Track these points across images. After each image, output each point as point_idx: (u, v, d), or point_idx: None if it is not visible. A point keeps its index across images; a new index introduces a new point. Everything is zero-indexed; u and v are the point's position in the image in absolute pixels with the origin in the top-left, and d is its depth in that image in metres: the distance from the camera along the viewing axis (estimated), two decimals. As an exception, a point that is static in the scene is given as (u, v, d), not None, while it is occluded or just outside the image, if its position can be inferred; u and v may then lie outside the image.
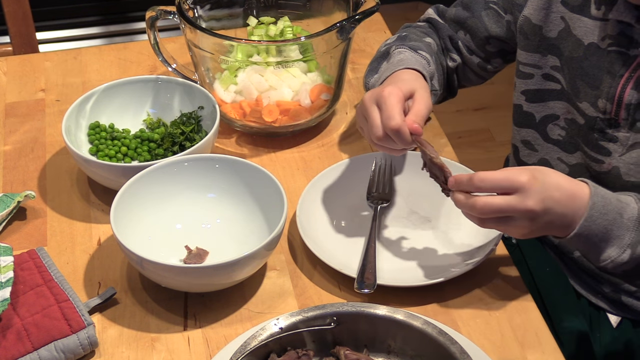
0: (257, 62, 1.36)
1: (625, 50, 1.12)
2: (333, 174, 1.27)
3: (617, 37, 1.13)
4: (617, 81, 1.13)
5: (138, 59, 1.58)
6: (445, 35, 1.32)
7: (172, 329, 1.09)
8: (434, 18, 1.34)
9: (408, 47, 1.25)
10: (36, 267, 1.11)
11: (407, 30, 1.34)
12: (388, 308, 1.01)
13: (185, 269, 1.08)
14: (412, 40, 1.29)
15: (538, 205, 0.99)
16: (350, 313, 1.01)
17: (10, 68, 1.56)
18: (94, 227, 1.23)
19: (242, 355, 0.95)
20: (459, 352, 0.95)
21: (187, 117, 1.35)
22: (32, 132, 1.41)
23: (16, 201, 1.22)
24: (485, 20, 1.27)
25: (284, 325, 0.99)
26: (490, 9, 1.26)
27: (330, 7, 1.44)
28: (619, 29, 1.12)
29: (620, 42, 1.13)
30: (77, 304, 1.07)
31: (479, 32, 1.28)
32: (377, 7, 1.33)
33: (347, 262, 1.16)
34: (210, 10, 1.46)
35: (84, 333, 1.04)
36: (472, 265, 1.12)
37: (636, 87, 1.12)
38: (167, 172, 1.20)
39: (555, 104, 1.22)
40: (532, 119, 1.24)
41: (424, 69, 1.22)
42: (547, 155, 1.24)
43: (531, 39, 1.21)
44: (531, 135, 1.25)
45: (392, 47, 1.27)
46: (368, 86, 1.28)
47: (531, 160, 1.27)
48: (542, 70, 1.22)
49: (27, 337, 1.03)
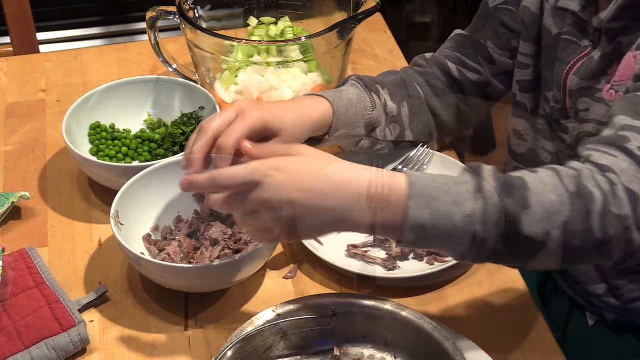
0: (258, 62, 1.36)
1: (577, 40, 1.12)
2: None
3: (572, 26, 1.12)
4: (564, 68, 1.12)
5: (139, 60, 1.58)
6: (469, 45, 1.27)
7: (173, 329, 1.09)
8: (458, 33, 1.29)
9: (360, 88, 1.19)
10: (27, 268, 1.12)
11: (401, 71, 1.29)
12: (385, 301, 1.02)
13: (185, 270, 1.08)
14: (379, 77, 1.24)
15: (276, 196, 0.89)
16: (348, 304, 1.02)
17: (11, 68, 1.56)
18: (95, 228, 1.23)
19: (237, 340, 0.96)
20: (452, 348, 0.96)
21: (188, 117, 1.35)
22: (33, 133, 1.41)
23: (10, 202, 1.23)
24: (503, 18, 1.25)
25: (281, 312, 1.00)
26: (501, 9, 1.25)
27: (330, 7, 1.44)
28: (575, 19, 1.12)
29: (573, 32, 1.12)
30: (68, 303, 1.07)
31: (501, 32, 1.26)
32: (377, 7, 1.33)
33: (347, 262, 1.16)
34: (210, 10, 1.46)
35: (74, 330, 1.04)
36: None
37: (577, 72, 1.11)
38: (167, 173, 1.20)
39: (539, 92, 1.22)
40: (525, 109, 1.24)
41: (358, 107, 1.17)
42: (534, 144, 1.24)
43: (529, 28, 1.20)
44: (522, 125, 1.25)
45: (354, 77, 1.21)
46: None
47: (520, 150, 1.26)
48: (535, 61, 1.21)
49: (18, 337, 1.03)
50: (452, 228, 0.87)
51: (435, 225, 0.87)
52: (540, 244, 0.88)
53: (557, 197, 0.88)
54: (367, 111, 1.18)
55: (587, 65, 1.10)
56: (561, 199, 0.87)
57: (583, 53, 1.11)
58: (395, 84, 1.24)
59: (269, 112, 1.07)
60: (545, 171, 0.91)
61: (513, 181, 0.89)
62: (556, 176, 0.90)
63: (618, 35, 1.07)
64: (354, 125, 1.17)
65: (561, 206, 0.87)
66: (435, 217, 0.87)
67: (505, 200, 0.87)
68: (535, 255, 0.89)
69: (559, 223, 0.87)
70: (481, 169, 0.90)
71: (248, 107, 1.05)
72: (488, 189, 0.88)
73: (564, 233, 0.87)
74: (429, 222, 0.87)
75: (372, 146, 1.22)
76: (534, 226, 0.87)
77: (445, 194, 0.88)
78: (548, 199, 0.87)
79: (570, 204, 0.87)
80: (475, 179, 0.89)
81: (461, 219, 0.87)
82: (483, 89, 1.29)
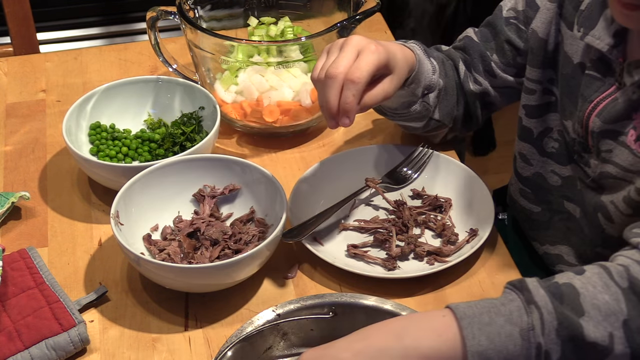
0: (258, 62, 1.36)
1: (601, 77, 1.08)
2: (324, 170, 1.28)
3: (597, 61, 1.09)
4: (586, 106, 1.09)
5: (139, 60, 1.58)
6: (476, 54, 1.26)
7: (173, 329, 1.09)
8: (469, 36, 1.28)
9: (422, 50, 1.21)
10: (27, 268, 1.12)
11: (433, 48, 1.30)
12: (384, 300, 1.02)
13: (185, 270, 1.08)
14: (430, 49, 1.26)
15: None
16: (347, 304, 1.02)
17: (11, 69, 1.56)
18: (95, 228, 1.23)
19: (237, 340, 0.96)
20: None
21: (188, 117, 1.35)
22: (33, 133, 1.41)
23: (10, 202, 1.23)
24: (509, 35, 1.23)
25: (281, 312, 1.00)
26: (511, 24, 1.23)
27: (330, 7, 1.44)
28: (599, 54, 1.08)
29: (598, 67, 1.08)
30: (68, 303, 1.07)
31: (506, 49, 1.24)
32: (377, 7, 1.33)
33: (347, 262, 1.16)
34: (210, 10, 1.46)
35: (74, 330, 1.04)
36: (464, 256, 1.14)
37: (599, 115, 1.07)
38: (167, 173, 1.20)
39: (550, 117, 1.20)
40: (531, 134, 1.22)
41: (426, 67, 1.19)
42: (542, 169, 1.22)
43: (536, 53, 1.18)
44: (527, 150, 1.23)
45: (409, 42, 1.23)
46: None
47: (525, 173, 1.25)
48: (542, 85, 1.19)
49: (18, 337, 1.03)
50: (513, 348, 0.85)
51: (497, 350, 0.85)
52: (606, 348, 0.85)
53: (611, 297, 0.86)
54: (429, 74, 1.19)
55: (610, 108, 1.06)
56: (616, 297, 0.86)
57: (607, 92, 1.07)
58: (438, 59, 1.25)
59: (386, 49, 1.08)
60: (593, 269, 0.89)
61: (561, 289, 0.87)
62: (605, 274, 0.88)
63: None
64: (420, 81, 1.18)
65: (617, 305, 0.86)
66: (495, 341, 0.85)
67: (560, 307, 0.85)
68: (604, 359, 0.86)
69: (619, 323, 0.85)
70: (525, 282, 0.88)
71: (368, 43, 1.06)
72: (539, 299, 0.86)
73: (626, 332, 0.85)
74: (489, 347, 0.85)
75: (420, 112, 1.22)
76: (594, 330, 0.85)
77: (497, 315, 0.86)
78: (602, 300, 0.86)
79: (626, 301, 0.86)
80: (521, 294, 0.87)
81: (521, 336, 0.85)
82: (482, 98, 1.28)
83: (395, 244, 1.17)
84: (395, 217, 1.22)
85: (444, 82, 1.23)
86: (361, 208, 1.26)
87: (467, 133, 1.37)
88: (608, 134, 1.07)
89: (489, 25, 1.27)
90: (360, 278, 1.13)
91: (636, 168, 1.04)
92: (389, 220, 1.21)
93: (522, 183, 1.27)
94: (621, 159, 1.06)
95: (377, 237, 1.19)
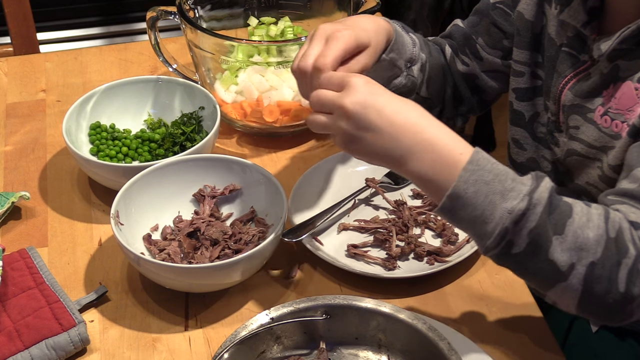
0: (258, 62, 1.36)
1: (576, 53, 1.10)
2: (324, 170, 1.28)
3: (572, 38, 1.10)
4: (560, 81, 1.11)
5: (139, 60, 1.58)
6: (461, 37, 1.27)
7: (173, 329, 1.09)
8: (456, 24, 1.30)
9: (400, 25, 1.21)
10: (27, 268, 1.12)
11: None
12: (378, 301, 1.01)
13: (186, 270, 1.08)
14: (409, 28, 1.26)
15: (353, 106, 0.92)
16: (341, 306, 1.01)
17: (11, 68, 1.56)
18: (95, 228, 1.23)
19: (231, 344, 0.96)
20: (447, 348, 0.95)
21: (188, 117, 1.35)
22: (33, 133, 1.41)
23: (10, 202, 1.23)
24: (496, 18, 1.24)
25: (274, 316, 0.99)
26: (497, 8, 1.24)
27: (330, 7, 1.44)
28: (576, 31, 1.10)
29: (573, 43, 1.10)
30: (68, 303, 1.07)
31: (492, 31, 1.25)
32: (377, 6, 1.33)
33: (347, 262, 1.16)
34: (210, 10, 1.46)
35: (74, 330, 1.04)
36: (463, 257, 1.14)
37: (572, 88, 1.09)
38: (167, 173, 1.20)
39: (537, 101, 1.20)
40: (522, 117, 1.22)
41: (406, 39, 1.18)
42: (535, 154, 1.23)
43: (523, 34, 1.19)
44: (520, 134, 1.24)
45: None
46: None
47: (520, 158, 1.25)
48: (530, 68, 1.20)
49: (18, 337, 1.03)
50: (488, 216, 0.87)
51: (474, 205, 0.87)
52: (562, 274, 0.87)
53: (594, 236, 0.87)
54: (409, 47, 1.19)
55: (582, 83, 1.09)
56: (598, 240, 0.87)
57: (581, 68, 1.09)
58: (420, 37, 1.24)
59: (355, 27, 1.07)
60: (598, 209, 0.90)
61: (560, 204, 0.88)
62: (603, 217, 0.89)
63: (618, 58, 1.04)
64: (401, 52, 1.17)
65: (596, 246, 0.87)
66: (478, 197, 0.87)
67: (545, 216, 0.86)
68: (554, 284, 0.88)
69: (587, 261, 0.86)
70: (542, 179, 0.89)
71: (333, 30, 1.05)
72: (537, 198, 0.87)
73: (587, 272, 0.86)
74: (470, 199, 0.87)
75: (406, 85, 1.21)
76: (560, 253, 0.86)
77: (499, 183, 0.87)
78: (585, 234, 0.87)
79: (604, 247, 0.87)
80: (533, 184, 0.88)
81: (500, 212, 0.86)
82: (472, 80, 1.29)
83: (395, 243, 1.17)
84: (395, 217, 1.22)
85: (426, 57, 1.23)
86: (361, 208, 1.26)
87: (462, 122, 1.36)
88: (577, 109, 1.09)
89: (476, 12, 1.28)
90: (360, 278, 1.13)
91: (599, 143, 1.05)
92: (389, 220, 1.21)
93: (517, 169, 1.27)
94: (587, 135, 1.07)
95: (377, 237, 1.19)
